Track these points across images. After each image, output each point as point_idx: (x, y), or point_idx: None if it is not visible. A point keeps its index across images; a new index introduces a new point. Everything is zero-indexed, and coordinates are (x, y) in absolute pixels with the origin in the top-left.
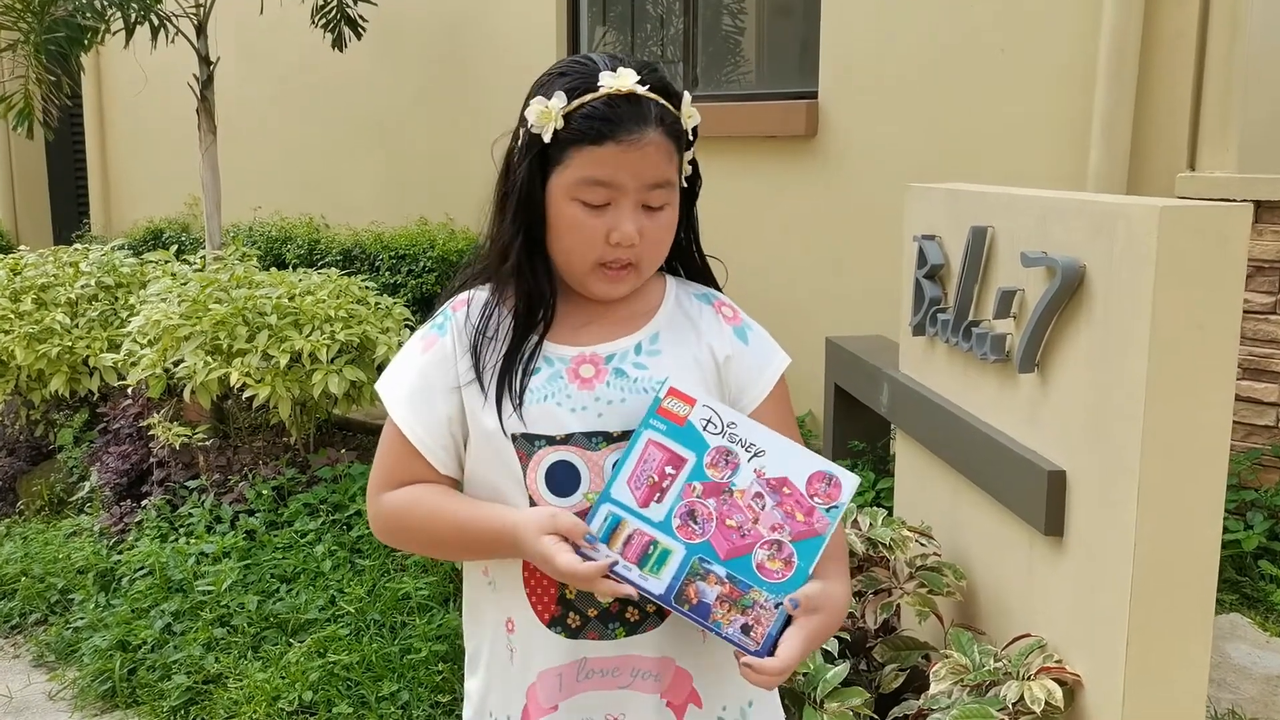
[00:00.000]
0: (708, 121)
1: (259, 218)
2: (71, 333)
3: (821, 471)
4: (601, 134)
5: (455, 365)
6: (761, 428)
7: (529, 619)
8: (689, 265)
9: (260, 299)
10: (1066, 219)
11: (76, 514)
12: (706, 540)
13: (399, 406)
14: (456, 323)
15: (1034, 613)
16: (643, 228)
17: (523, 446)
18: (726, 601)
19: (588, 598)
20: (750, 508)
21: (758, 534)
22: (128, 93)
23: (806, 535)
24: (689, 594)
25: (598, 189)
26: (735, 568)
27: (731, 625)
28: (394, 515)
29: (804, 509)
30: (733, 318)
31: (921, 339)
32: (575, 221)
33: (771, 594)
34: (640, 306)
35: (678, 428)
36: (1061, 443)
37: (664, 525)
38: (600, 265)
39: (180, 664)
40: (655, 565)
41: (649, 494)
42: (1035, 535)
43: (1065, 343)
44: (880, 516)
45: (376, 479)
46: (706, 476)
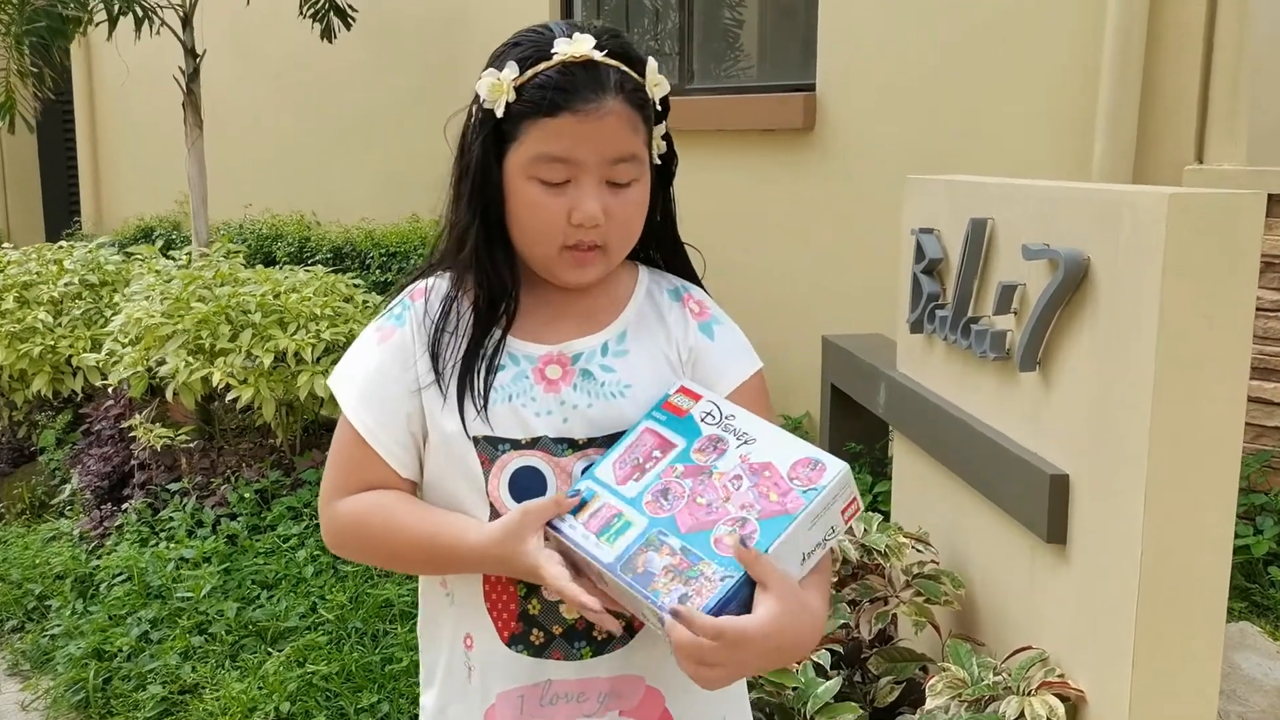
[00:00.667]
0: (703, 115)
1: (250, 215)
2: (54, 331)
3: (808, 457)
4: (555, 104)
5: (414, 360)
6: (760, 421)
7: (489, 636)
8: (666, 254)
9: (244, 297)
10: (1070, 209)
11: (58, 518)
12: (671, 515)
13: (354, 403)
14: (415, 313)
15: (1035, 624)
16: (608, 206)
17: (485, 450)
18: (672, 572)
19: (552, 614)
20: (725, 488)
21: (725, 511)
22: (119, 87)
23: (775, 514)
24: (637, 563)
25: (555, 165)
26: (692, 541)
27: (670, 595)
28: (349, 525)
29: (780, 490)
30: (700, 313)
31: (919, 337)
32: (533, 202)
33: (721, 566)
34: (608, 300)
35: (677, 419)
36: (1064, 445)
37: (635, 501)
38: (565, 249)
39: (156, 673)
40: (613, 536)
41: (630, 474)
42: (1037, 542)
43: (1068, 339)
44: (876, 522)
45: (330, 484)
46: (691, 460)
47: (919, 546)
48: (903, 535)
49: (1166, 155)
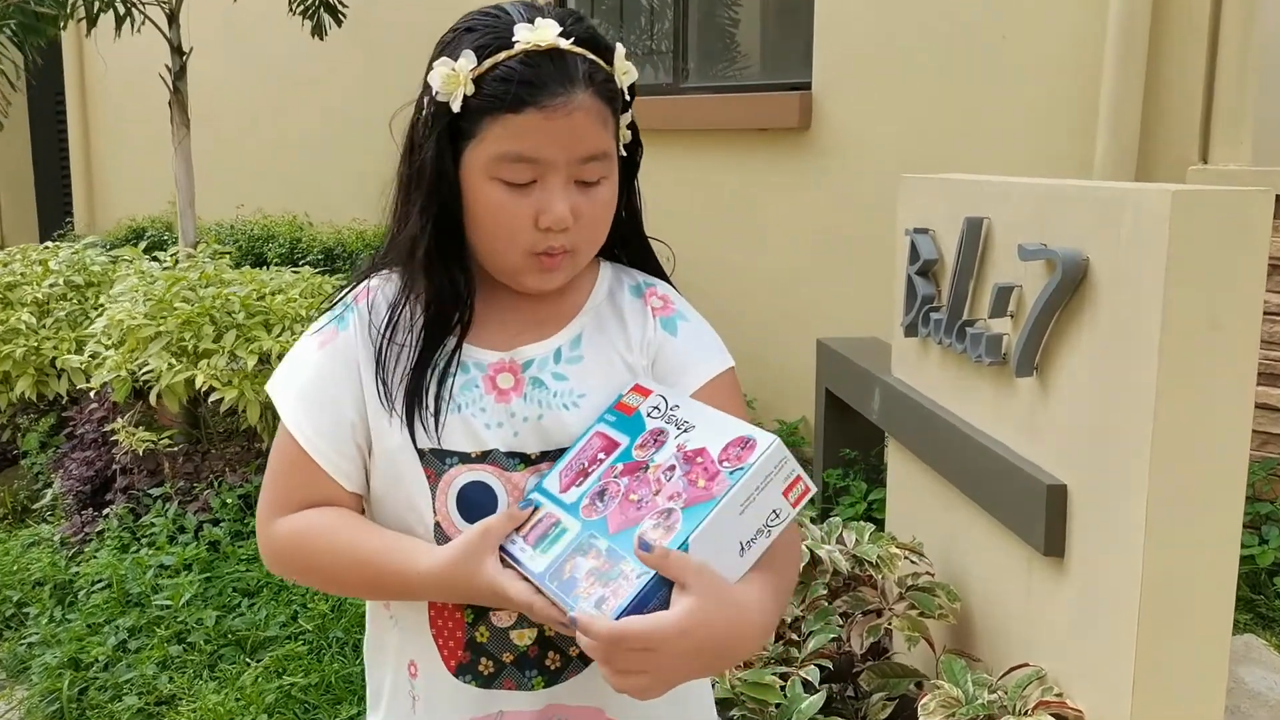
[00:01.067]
0: (698, 114)
1: (241, 216)
2: (38, 333)
3: (740, 436)
4: (520, 99)
5: (358, 366)
6: (705, 408)
7: (434, 664)
8: (631, 251)
9: (228, 298)
10: (1068, 207)
11: (40, 522)
12: (603, 516)
13: (293, 412)
14: (359, 316)
15: (1032, 640)
16: (577, 207)
17: (432, 465)
18: (594, 575)
19: (502, 641)
20: (658, 480)
21: (653, 505)
22: (111, 87)
23: (699, 500)
24: (565, 570)
25: (520, 166)
26: (619, 540)
27: (588, 600)
28: (288, 546)
29: (709, 474)
30: (663, 308)
31: (914, 340)
32: (496, 205)
33: (640, 564)
34: (566, 301)
35: (626, 418)
36: (1062, 454)
37: (573, 507)
38: (530, 254)
39: (132, 684)
40: (549, 544)
41: (573, 480)
42: (1034, 555)
43: (1067, 343)
44: (867, 532)
45: (269, 501)
46: (631, 458)
47: (913, 558)
48: (895, 546)
49: (1170, 155)
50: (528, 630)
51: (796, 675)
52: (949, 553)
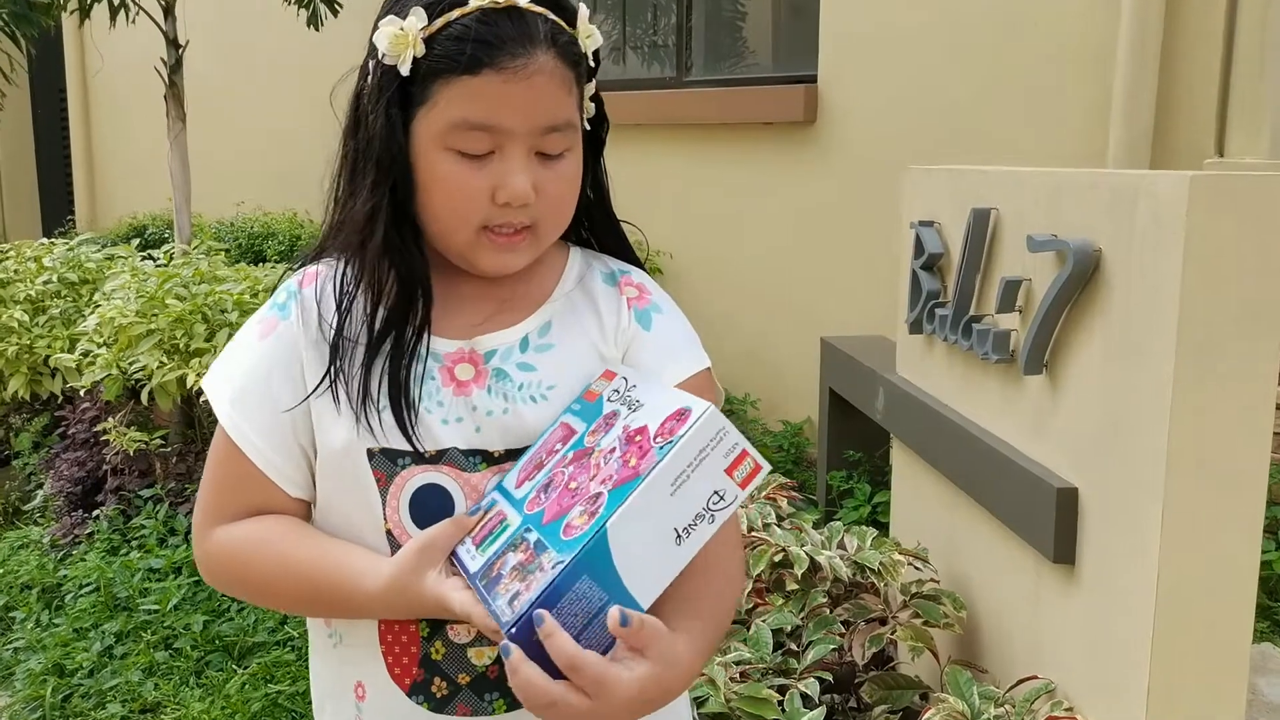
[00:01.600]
0: (701, 107)
1: (241, 213)
2: (32, 331)
3: (679, 408)
4: (476, 60)
5: (300, 359)
6: (661, 386)
7: (383, 684)
8: (599, 232)
9: (221, 295)
10: (1080, 196)
11: (31, 524)
12: (541, 509)
13: (230, 409)
14: (303, 304)
15: (1041, 651)
16: (538, 181)
17: (382, 466)
18: (518, 570)
19: (458, 660)
20: (598, 465)
21: (585, 489)
22: (112, 82)
23: (626, 479)
24: (495, 568)
25: (476, 134)
26: (547, 531)
27: (504, 597)
28: (224, 559)
29: (641, 452)
30: (638, 298)
31: (919, 338)
32: (450, 178)
33: (559, 552)
34: (532, 286)
35: (590, 405)
36: (1073, 455)
37: (520, 501)
38: (485, 230)
39: (117, 691)
40: (490, 544)
41: (529, 474)
42: (1042, 561)
43: (1077, 339)
44: (869, 537)
45: (205, 508)
46: (582, 445)
47: (917, 564)
48: (898, 552)
49: (1185, 147)
50: (487, 649)
51: (796, 688)
52: (955, 558)
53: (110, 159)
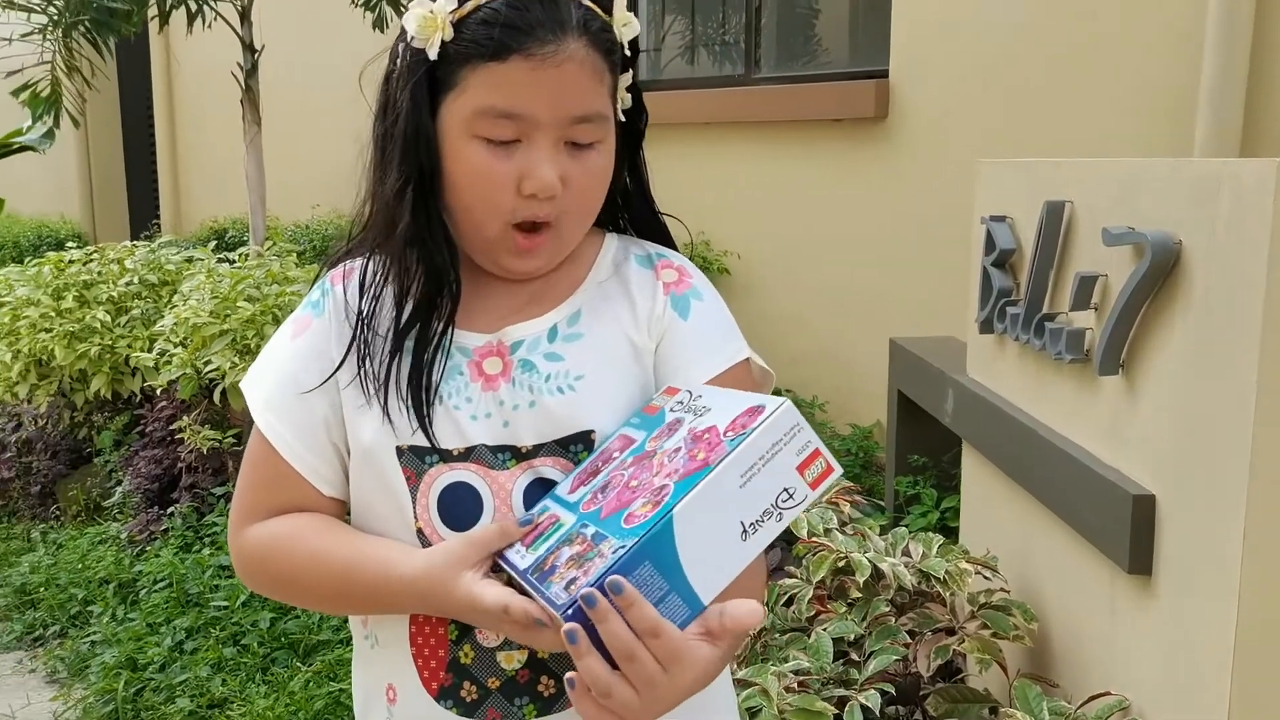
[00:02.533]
0: (770, 104)
1: (317, 216)
2: (113, 331)
3: (750, 406)
4: (504, 45)
5: (331, 356)
6: (729, 391)
7: (414, 688)
8: (639, 225)
9: (291, 296)
10: (1158, 187)
11: (110, 520)
12: (599, 507)
13: (264, 409)
14: (335, 300)
15: (1115, 665)
16: (566, 173)
17: (411, 463)
18: (574, 560)
19: (488, 664)
20: (661, 464)
21: (648, 484)
22: (195, 89)
23: (693, 470)
24: (546, 562)
25: (503, 122)
26: (607, 525)
27: (560, 583)
28: (258, 557)
29: (710, 446)
30: (676, 282)
31: (990, 338)
32: (476, 166)
33: (620, 539)
34: (563, 275)
35: (650, 418)
36: (1150, 461)
37: (575, 504)
38: (509, 227)
39: (186, 686)
40: (541, 543)
41: (583, 480)
42: (1117, 572)
43: (1156, 338)
44: (935, 544)
45: (239, 508)
46: (644, 450)
47: (986, 573)
48: (966, 560)
49: (1277, 138)
50: (516, 652)
51: (855, 700)
52: (1026, 567)
53: (193, 163)
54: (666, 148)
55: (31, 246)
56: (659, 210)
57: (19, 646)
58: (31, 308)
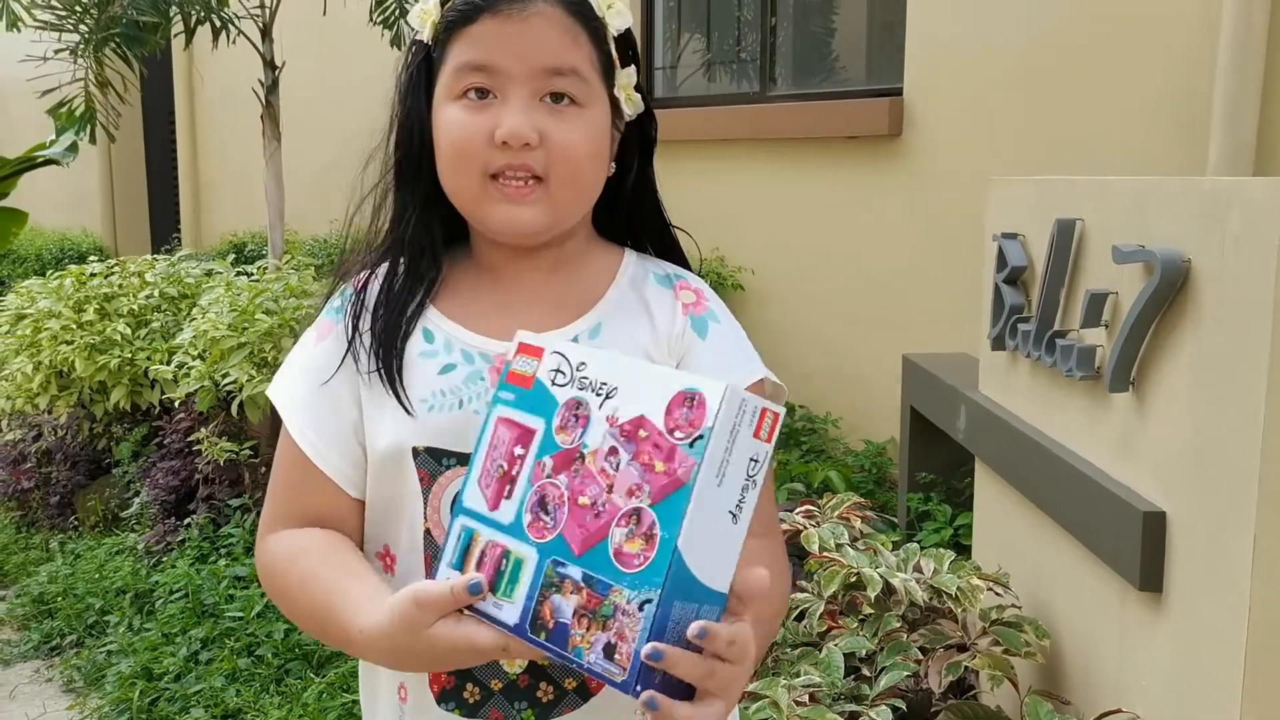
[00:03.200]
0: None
1: (334, 230)
2: (133, 344)
3: (682, 392)
4: (475, 9)
5: (354, 356)
6: (616, 357)
7: (420, 689)
8: (654, 237)
9: (309, 310)
10: (1168, 205)
11: (127, 531)
12: (559, 534)
13: (293, 414)
14: (355, 302)
15: (1126, 683)
16: (543, 127)
17: (426, 465)
18: (585, 615)
19: (491, 666)
20: (604, 472)
21: (614, 507)
22: (216, 104)
23: (668, 490)
24: (544, 616)
25: (474, 75)
26: (591, 563)
27: (593, 650)
28: (270, 571)
29: (664, 453)
30: (694, 304)
31: (1001, 354)
32: (451, 122)
33: (632, 590)
34: (584, 287)
35: (526, 392)
36: (1161, 478)
37: (514, 527)
38: (489, 179)
39: (201, 696)
40: (509, 585)
41: (498, 490)
42: (1128, 589)
43: (1166, 355)
44: (947, 560)
45: (267, 513)
46: (556, 445)
47: (998, 589)
48: (978, 576)
49: None
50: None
51: (867, 715)
52: (1037, 584)
53: (214, 178)
54: (682, 164)
55: (54, 260)
56: (671, 223)
57: (36, 655)
58: (53, 320)
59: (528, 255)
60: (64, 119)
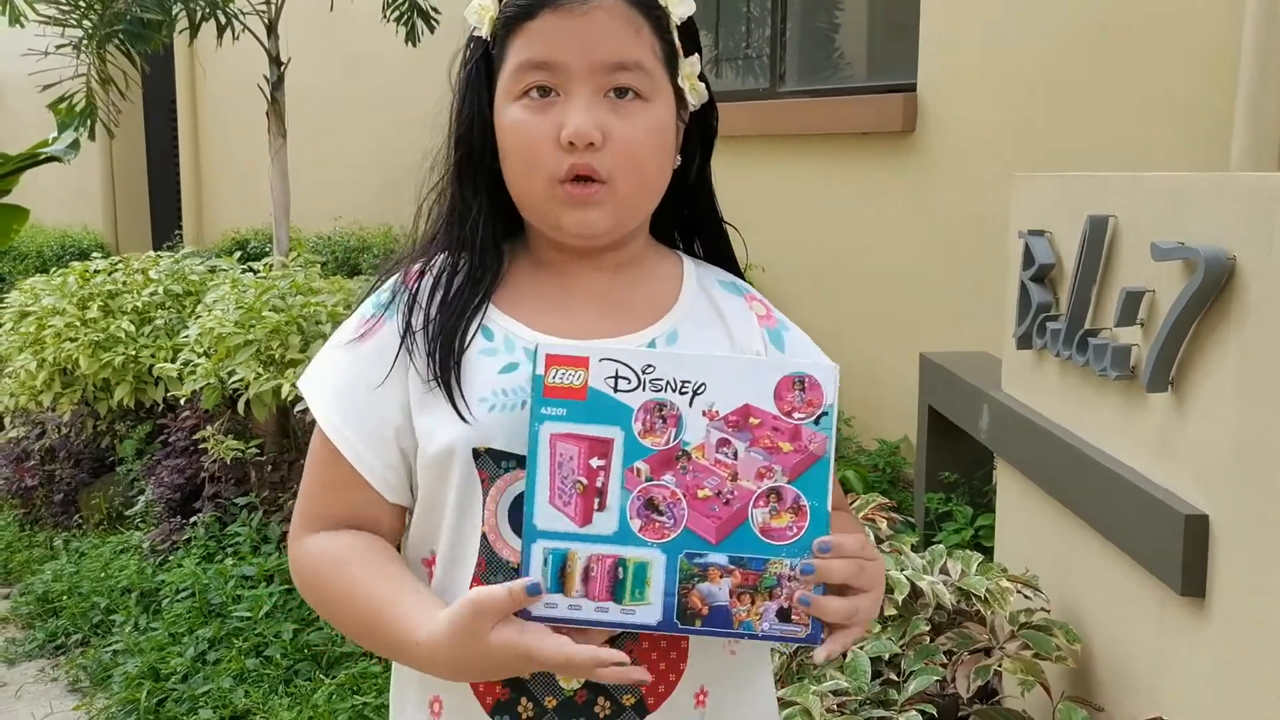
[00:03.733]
0: (796, 118)
1: (339, 228)
2: (137, 341)
3: (788, 377)
4: (535, 2)
5: (405, 359)
6: (687, 355)
7: (464, 702)
8: (707, 236)
9: (315, 307)
10: (1209, 202)
11: (132, 529)
12: (685, 529)
13: (329, 412)
14: (407, 298)
15: (1165, 690)
16: (606, 125)
17: (487, 466)
18: (745, 592)
19: (546, 681)
20: (720, 463)
21: (745, 491)
22: (219, 101)
23: (805, 465)
24: (693, 605)
25: (536, 73)
26: (736, 546)
27: (764, 620)
28: (306, 575)
29: (787, 434)
30: (766, 316)
31: (1028, 353)
32: (516, 124)
33: (794, 557)
34: (653, 292)
35: (579, 404)
36: (1203, 480)
37: (622, 535)
38: (557, 184)
39: (209, 697)
40: (636, 590)
41: (586, 505)
42: (1168, 594)
43: (1208, 354)
44: (975, 562)
45: (301, 514)
46: (647, 449)
47: (1027, 592)
48: (1007, 578)
49: None
50: None
51: None
52: (1066, 587)
53: (217, 175)
54: None
55: (55, 257)
56: (724, 220)
57: (41, 655)
58: (57, 317)
59: (590, 256)
60: (64, 114)
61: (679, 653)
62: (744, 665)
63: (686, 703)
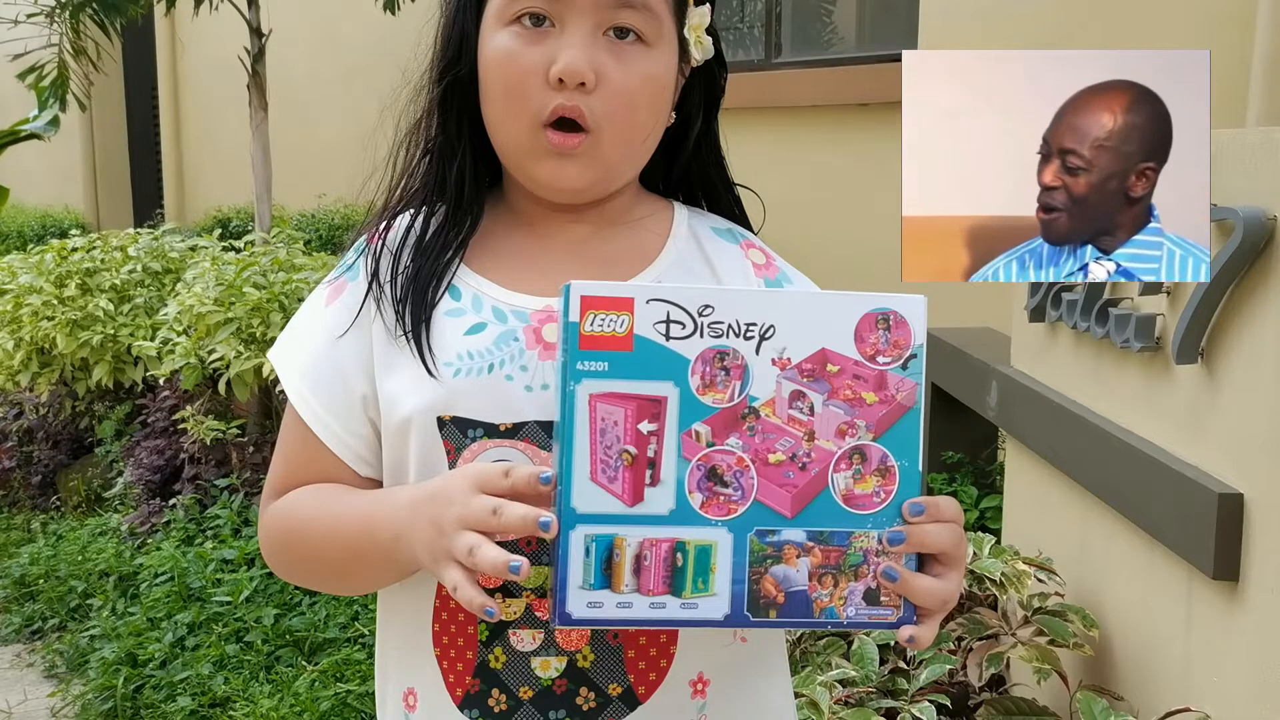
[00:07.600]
0: (793, 89)
1: (323, 205)
2: (116, 320)
3: (870, 314)
4: None
5: (369, 322)
6: (751, 292)
7: (435, 694)
8: (711, 192)
9: (297, 284)
10: (1244, 158)
11: (110, 511)
12: (754, 502)
13: (297, 382)
14: (371, 258)
15: (1195, 680)
16: (601, 66)
17: (452, 436)
18: (827, 573)
19: (520, 670)
20: (794, 420)
21: (824, 453)
22: (200, 76)
23: (893, 418)
24: (767, 592)
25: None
26: (815, 519)
27: (849, 604)
28: (271, 529)
29: (871, 382)
30: (765, 265)
31: (1040, 326)
32: (504, 54)
33: (882, 529)
34: (637, 242)
35: (624, 355)
36: (1236, 457)
37: (680, 513)
38: (540, 128)
39: (187, 684)
40: (698, 579)
41: (635, 479)
42: (1197, 577)
43: (1242, 322)
44: (987, 545)
45: (271, 484)
46: (707, 408)
47: (1041, 576)
48: (1021, 561)
49: None
50: (555, 658)
51: (907, 712)
52: (1082, 570)
53: (198, 151)
54: None
55: (35, 237)
56: (735, 182)
57: (17, 640)
58: (34, 295)
59: (569, 210)
60: (34, 85)
61: (669, 635)
62: (753, 652)
63: (682, 692)
